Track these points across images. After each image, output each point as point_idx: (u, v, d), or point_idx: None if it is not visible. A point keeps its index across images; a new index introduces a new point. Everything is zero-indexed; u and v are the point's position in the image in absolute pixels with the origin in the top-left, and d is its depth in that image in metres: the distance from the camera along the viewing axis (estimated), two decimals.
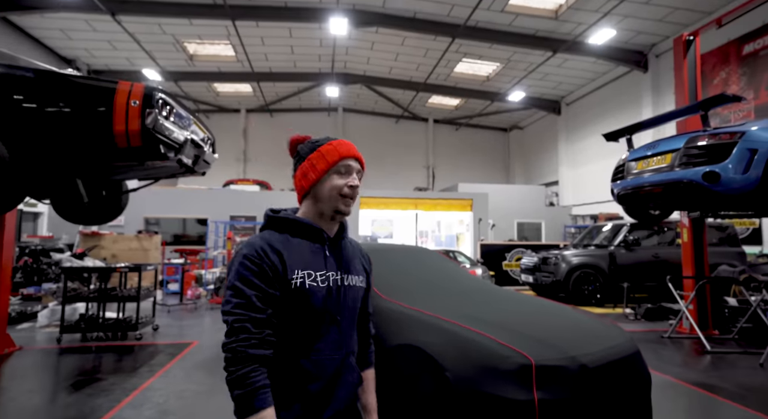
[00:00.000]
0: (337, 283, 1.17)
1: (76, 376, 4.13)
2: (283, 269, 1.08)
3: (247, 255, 1.07)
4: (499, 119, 19.42)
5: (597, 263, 8.05)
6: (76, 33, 11.54)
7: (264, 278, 1.06)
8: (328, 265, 1.17)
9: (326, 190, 1.16)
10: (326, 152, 1.16)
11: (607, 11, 9.99)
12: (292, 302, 1.09)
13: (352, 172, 1.18)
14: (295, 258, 1.11)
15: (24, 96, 2.81)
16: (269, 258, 1.07)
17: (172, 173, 3.78)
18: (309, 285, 1.10)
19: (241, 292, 1.04)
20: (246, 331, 1.01)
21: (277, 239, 1.12)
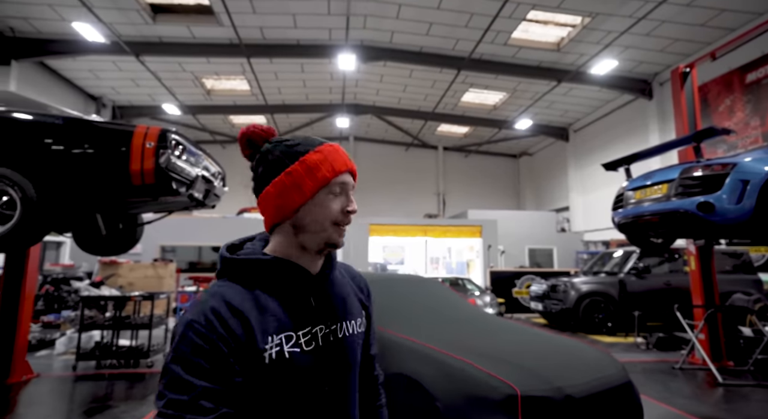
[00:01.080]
0: (328, 339, 0.85)
1: (89, 403, 4.26)
2: (248, 338, 0.75)
3: (193, 322, 0.73)
4: (508, 145, 19.64)
5: (607, 291, 7.96)
6: (104, 73, 12.31)
7: (217, 360, 0.71)
8: (315, 317, 0.85)
9: (316, 217, 0.83)
10: (315, 164, 0.82)
11: (608, 43, 10.27)
12: (266, 382, 0.77)
13: (349, 191, 0.87)
14: (267, 319, 0.78)
15: (53, 140, 3.09)
16: (227, 326, 0.74)
17: (184, 206, 4.01)
18: (289, 353, 0.78)
19: (181, 383, 0.69)
20: None
21: (239, 294, 0.79)
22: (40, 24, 9.76)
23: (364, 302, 1.01)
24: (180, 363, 0.70)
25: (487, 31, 9.89)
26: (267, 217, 0.88)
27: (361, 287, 1.03)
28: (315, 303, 0.86)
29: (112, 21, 9.58)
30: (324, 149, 0.85)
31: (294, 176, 0.82)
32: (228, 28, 9.96)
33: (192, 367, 0.70)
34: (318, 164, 0.83)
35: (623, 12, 9.06)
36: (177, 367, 0.70)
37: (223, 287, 0.80)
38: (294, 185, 0.82)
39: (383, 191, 19.50)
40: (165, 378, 0.71)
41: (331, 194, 0.84)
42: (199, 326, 0.72)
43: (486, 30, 9.80)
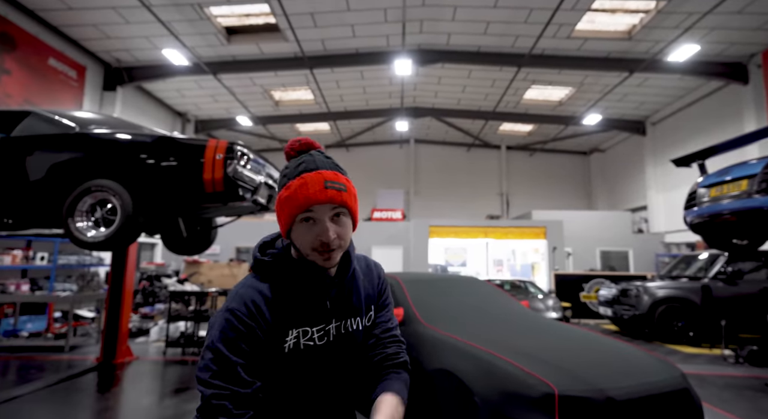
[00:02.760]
0: (339, 331, 1.00)
1: (176, 384, 4.88)
2: (276, 328, 0.90)
3: (235, 310, 0.87)
4: (577, 142, 18.55)
5: (687, 297, 7.26)
6: (187, 91, 13.72)
7: (253, 342, 0.87)
8: (329, 314, 0.98)
9: (299, 242, 0.93)
10: (285, 200, 0.91)
11: (689, 26, 9.35)
12: (283, 367, 0.92)
13: (323, 222, 0.91)
14: (290, 313, 0.92)
15: (145, 155, 3.63)
16: (264, 315, 0.88)
17: (251, 211, 4.43)
18: (304, 345, 0.93)
19: (225, 358, 0.84)
20: (225, 412, 0.82)
21: (269, 289, 0.93)
22: (138, 53, 11.17)
23: (373, 295, 1.10)
24: (224, 342, 0.85)
25: (548, 25, 9.50)
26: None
27: (373, 280, 1.12)
28: (330, 304, 0.98)
29: (193, 45, 10.69)
30: (292, 185, 0.91)
31: (277, 205, 0.94)
32: (292, 42, 10.64)
33: (234, 347, 0.85)
34: (285, 201, 0.91)
35: None
36: (222, 346, 0.85)
37: (256, 282, 0.94)
38: (278, 214, 0.94)
39: (445, 193, 19.39)
40: (210, 355, 0.85)
41: (302, 225, 0.91)
42: (243, 314, 0.87)
43: (547, 24, 9.41)
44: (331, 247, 0.91)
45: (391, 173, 19.52)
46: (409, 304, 3.35)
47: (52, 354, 6.08)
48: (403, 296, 3.46)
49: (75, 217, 3.59)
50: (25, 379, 4.91)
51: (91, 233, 3.59)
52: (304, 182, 0.90)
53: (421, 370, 2.81)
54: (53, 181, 3.70)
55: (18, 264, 8.01)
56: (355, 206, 0.97)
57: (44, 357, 5.95)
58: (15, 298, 6.90)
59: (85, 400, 4.38)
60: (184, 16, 9.53)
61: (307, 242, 0.91)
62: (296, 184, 0.90)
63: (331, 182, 0.90)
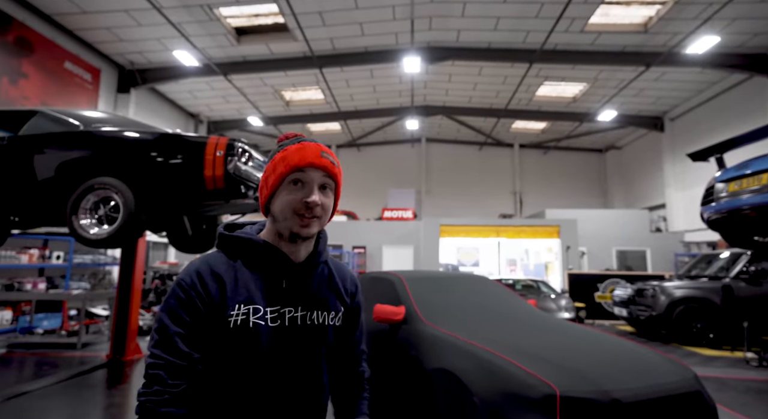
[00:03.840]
0: (295, 322, 0.95)
1: None
2: (221, 302, 0.88)
3: (181, 280, 0.88)
4: (591, 139, 18.17)
5: (706, 297, 6.99)
6: (199, 92, 13.89)
7: (193, 312, 0.86)
8: (286, 299, 0.95)
9: (280, 207, 0.93)
10: (279, 160, 0.94)
11: (708, 17, 9.02)
12: (230, 345, 0.89)
13: (311, 185, 0.93)
14: (240, 289, 0.91)
15: (146, 152, 3.63)
16: (206, 286, 0.88)
17: (254, 208, 4.42)
18: (253, 323, 0.89)
19: (165, 329, 0.85)
20: (160, 382, 0.82)
21: (224, 263, 0.93)
22: (151, 55, 11.34)
23: (345, 300, 1.07)
24: (167, 312, 0.87)
25: (560, 20, 9.29)
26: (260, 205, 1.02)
27: (347, 288, 1.09)
28: (286, 286, 0.96)
29: (204, 46, 10.80)
30: (289, 148, 0.94)
31: (266, 173, 0.97)
32: (301, 42, 10.65)
33: (175, 317, 0.86)
34: (279, 161, 0.94)
35: None
36: (164, 315, 0.86)
37: (212, 256, 0.95)
38: (265, 180, 0.97)
39: (457, 192, 19.22)
40: (156, 324, 0.87)
41: (289, 186, 0.93)
42: (185, 284, 0.88)
43: (558, 18, 9.21)
44: (313, 212, 0.92)
45: (402, 173, 19.43)
46: (411, 302, 3.27)
47: (65, 351, 6.18)
48: (405, 294, 3.38)
49: (79, 214, 3.62)
50: (38, 375, 4.99)
51: (94, 230, 3.61)
52: (302, 146, 0.94)
53: (420, 369, 2.74)
54: (58, 179, 3.73)
55: (35, 263, 8.19)
56: (340, 187, 1.00)
57: (57, 353, 6.05)
58: (31, 296, 7.06)
59: (95, 396, 4.42)
60: (194, 18, 9.63)
61: (291, 204, 0.92)
62: (294, 148, 0.94)
63: (326, 154, 0.95)
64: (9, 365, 5.52)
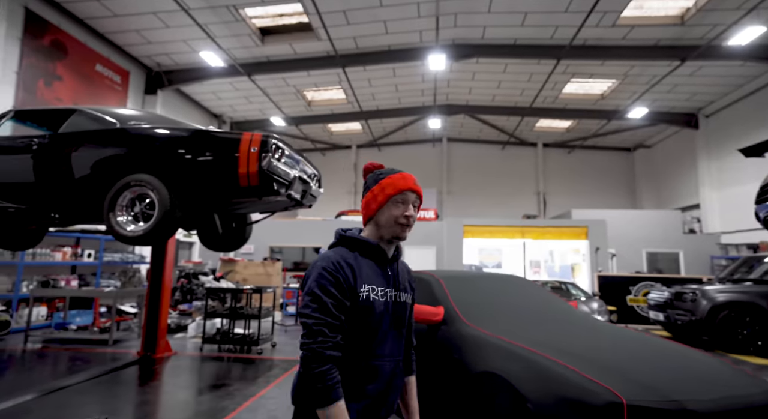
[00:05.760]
0: (393, 298, 1.35)
1: (213, 380, 4.89)
2: (354, 282, 1.25)
3: (326, 267, 1.23)
4: (620, 138, 17.65)
5: (754, 302, 6.62)
6: (223, 93, 14.07)
7: (339, 288, 1.22)
8: (388, 282, 1.35)
9: (385, 218, 1.33)
10: (386, 185, 1.34)
11: (754, 6, 8.56)
12: (359, 312, 1.25)
13: (408, 203, 1.34)
14: (363, 274, 1.28)
15: (181, 149, 3.62)
16: (344, 271, 1.24)
17: (285, 206, 4.37)
18: (373, 299, 1.28)
19: (320, 298, 1.20)
20: (323, 334, 1.17)
21: (349, 255, 1.30)
22: (177, 57, 11.53)
23: (412, 285, 1.51)
24: (319, 288, 1.21)
25: (591, 13, 9.00)
26: (363, 215, 1.41)
27: (411, 278, 1.53)
28: (389, 274, 1.37)
29: (229, 47, 10.91)
30: (394, 177, 1.36)
31: (375, 192, 1.36)
32: (325, 41, 10.65)
33: (326, 291, 1.21)
34: (389, 184, 1.35)
35: None
36: (318, 290, 1.21)
37: (339, 250, 1.33)
38: (374, 197, 1.36)
39: (479, 193, 18.95)
40: (308, 297, 1.22)
41: (395, 204, 1.34)
42: (331, 269, 1.24)
43: (590, 12, 8.92)
44: (410, 223, 1.34)
45: (424, 173, 19.26)
46: (450, 303, 3.15)
47: (97, 347, 6.29)
48: (444, 294, 3.26)
49: (116, 211, 3.63)
50: (72, 370, 5.08)
51: (130, 227, 3.62)
52: (403, 176, 1.37)
53: (465, 373, 2.61)
54: (96, 176, 3.76)
55: (67, 261, 8.40)
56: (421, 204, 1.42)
57: (90, 349, 6.16)
58: (64, 292, 7.23)
59: (127, 392, 4.46)
60: (220, 18, 9.73)
61: (394, 216, 1.33)
62: (397, 177, 1.36)
63: (417, 182, 1.40)
64: (45, 359, 5.64)
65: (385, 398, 1.32)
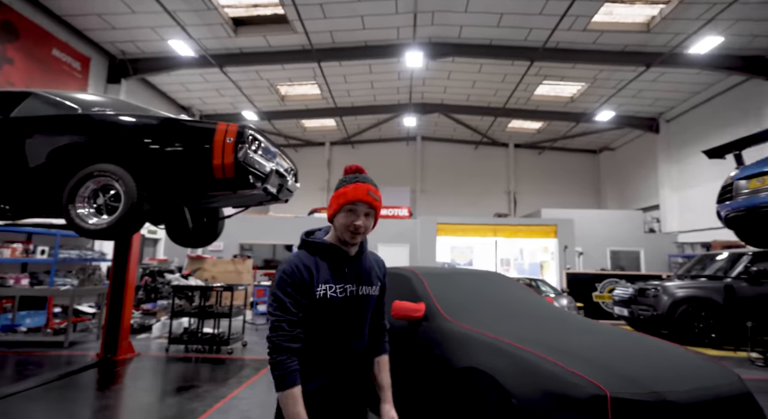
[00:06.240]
0: (354, 293, 1.50)
1: (179, 382, 4.66)
2: (311, 282, 1.40)
3: (285, 270, 1.40)
4: (587, 140, 18.26)
5: (709, 297, 6.99)
6: (193, 85, 13.55)
7: (296, 289, 1.38)
8: (347, 278, 1.49)
9: (338, 224, 1.46)
10: (341, 194, 1.45)
11: (711, 18, 9.05)
12: (317, 308, 1.42)
13: (358, 213, 1.44)
14: (320, 275, 1.43)
15: (150, 138, 3.40)
16: (301, 274, 1.39)
17: (260, 200, 4.21)
18: (330, 296, 1.43)
19: (280, 299, 1.37)
20: (283, 329, 1.34)
21: (308, 259, 1.44)
22: (143, 45, 10.99)
23: (380, 277, 1.63)
24: (279, 290, 1.38)
25: (564, 17, 9.23)
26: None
27: (381, 268, 1.66)
28: (348, 271, 1.50)
29: (200, 36, 10.50)
30: (348, 187, 1.45)
31: (332, 198, 1.49)
32: (301, 34, 10.43)
33: (285, 293, 1.37)
34: (341, 194, 1.46)
35: None
36: (278, 291, 1.38)
37: (300, 254, 1.47)
38: (331, 203, 1.49)
39: (452, 192, 19.15)
40: (271, 297, 1.39)
41: (346, 212, 1.45)
42: (290, 273, 1.39)
43: (563, 16, 9.15)
44: (358, 231, 1.45)
45: (398, 171, 19.28)
46: (431, 299, 3.11)
47: (51, 350, 5.89)
48: (425, 290, 3.22)
49: (76, 203, 3.37)
50: (22, 375, 4.71)
51: (92, 220, 3.37)
52: (356, 187, 1.45)
53: (447, 369, 2.58)
54: (54, 165, 3.49)
55: (18, 258, 7.83)
56: (379, 213, 1.51)
57: (43, 352, 5.76)
58: (14, 292, 6.72)
59: (84, 397, 4.17)
60: (191, 6, 9.33)
61: (345, 224, 1.45)
62: (351, 187, 1.45)
63: (371, 192, 1.46)
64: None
65: (345, 375, 1.50)
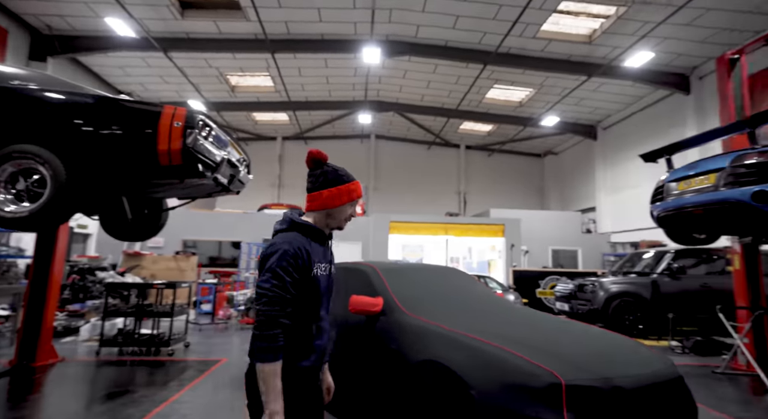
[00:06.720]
0: (329, 271, 1.64)
1: (111, 387, 4.26)
2: (308, 263, 1.49)
3: (288, 250, 1.44)
4: (532, 144, 19.20)
5: (638, 292, 7.59)
6: (133, 69, 12.59)
7: (297, 270, 1.45)
8: (326, 259, 1.63)
9: (341, 214, 1.62)
10: (352, 189, 1.62)
11: (644, 34, 9.83)
12: (310, 286, 1.50)
13: (356, 206, 1.68)
14: (314, 255, 1.53)
15: (84, 119, 3.07)
16: (302, 255, 1.47)
17: (209, 192, 3.96)
18: (320, 275, 1.55)
19: (281, 276, 1.40)
20: (280, 305, 1.38)
21: (304, 240, 1.53)
22: (75, 21, 10.02)
23: None
24: (280, 268, 1.41)
25: (516, 24, 9.62)
26: (314, 205, 1.61)
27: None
28: (326, 253, 1.64)
29: (142, 16, 9.76)
30: (356, 183, 1.66)
31: (342, 191, 1.60)
32: (254, 22, 10.02)
33: (286, 272, 1.42)
34: (352, 190, 1.62)
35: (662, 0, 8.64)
36: (279, 270, 1.41)
37: (295, 235, 1.52)
38: (338, 196, 1.60)
39: (404, 190, 19.34)
40: (269, 273, 1.40)
41: (351, 205, 1.64)
42: (292, 252, 1.44)
43: (515, 22, 9.53)
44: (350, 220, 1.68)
45: (351, 168, 18.01)
46: (389, 293, 3.08)
47: None
48: (382, 285, 3.18)
49: None
50: None
51: (10, 207, 2.99)
52: (356, 184, 1.66)
53: (404, 362, 2.56)
54: None
55: None
56: None
57: None
58: None
59: None
60: None
61: (348, 214, 1.64)
62: (355, 184, 1.65)
63: None
64: None
65: (326, 349, 1.62)
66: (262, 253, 1.49)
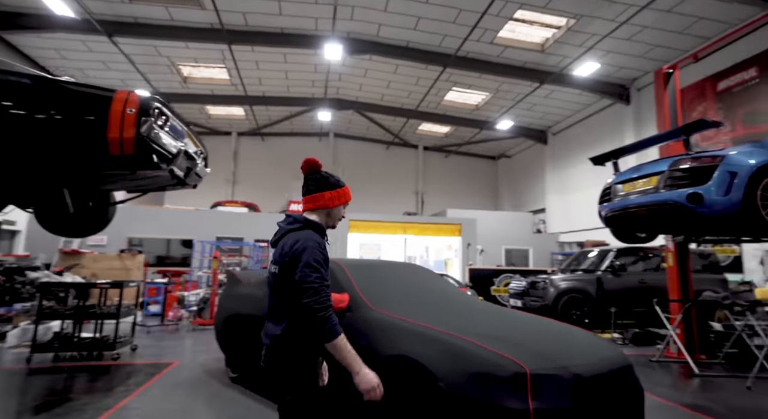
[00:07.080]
0: None
1: (45, 397, 3.91)
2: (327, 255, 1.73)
3: (320, 243, 1.70)
4: (487, 147, 19.86)
5: (585, 288, 8.07)
6: (71, 53, 11.64)
7: (326, 262, 1.69)
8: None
9: (337, 214, 1.87)
10: (345, 193, 1.87)
11: (591, 46, 10.49)
12: None
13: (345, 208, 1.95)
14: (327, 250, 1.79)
15: (18, 101, 2.78)
16: (324, 249, 1.72)
17: (163, 185, 3.73)
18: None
19: (318, 269, 1.63)
20: (325, 292, 1.62)
21: (319, 237, 1.75)
22: None
23: None
24: (316, 262, 1.63)
25: (475, 29, 9.90)
26: (315, 205, 1.82)
27: None
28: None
29: None
30: (347, 188, 1.90)
31: (340, 194, 1.85)
32: (210, 11, 9.60)
33: (321, 264, 1.65)
34: (346, 193, 1.88)
35: (607, 15, 9.25)
36: (315, 263, 1.63)
37: (312, 233, 1.73)
38: (339, 197, 1.84)
39: (363, 189, 19.26)
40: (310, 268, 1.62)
41: (344, 207, 1.88)
42: (321, 247, 1.70)
43: (473, 27, 9.80)
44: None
45: None
46: (354, 289, 3.07)
47: None
48: (348, 281, 3.16)
49: None
50: None
51: None
52: (349, 189, 1.91)
53: (374, 358, 2.54)
54: None
55: None
56: None
57: None
58: None
59: None
60: None
61: (339, 215, 1.88)
62: (347, 188, 1.90)
63: None
64: None
65: None
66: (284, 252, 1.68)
